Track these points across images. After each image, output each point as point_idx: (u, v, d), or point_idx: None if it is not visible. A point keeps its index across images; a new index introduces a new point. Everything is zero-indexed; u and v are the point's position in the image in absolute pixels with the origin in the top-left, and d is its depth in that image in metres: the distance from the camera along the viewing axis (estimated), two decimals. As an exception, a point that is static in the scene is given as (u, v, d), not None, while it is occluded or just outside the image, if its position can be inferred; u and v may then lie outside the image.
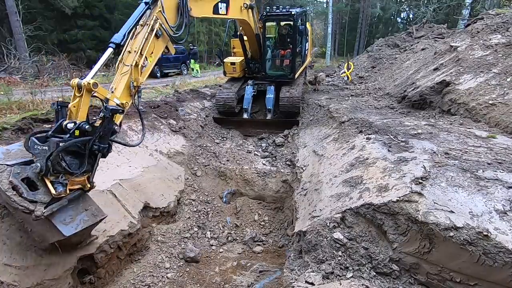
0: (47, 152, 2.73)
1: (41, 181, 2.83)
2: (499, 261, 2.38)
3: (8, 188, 2.64)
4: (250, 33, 7.56)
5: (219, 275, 4.74)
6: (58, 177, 2.90)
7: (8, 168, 2.72)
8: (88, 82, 2.93)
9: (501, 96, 5.29)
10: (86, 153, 3.04)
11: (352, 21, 40.43)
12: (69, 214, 3.06)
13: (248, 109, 8.30)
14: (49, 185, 2.83)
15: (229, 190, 6.63)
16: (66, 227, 2.99)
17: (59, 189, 2.89)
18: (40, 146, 2.79)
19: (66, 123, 2.91)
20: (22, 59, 14.21)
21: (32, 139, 2.83)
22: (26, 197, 2.70)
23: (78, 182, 3.12)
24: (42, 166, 2.74)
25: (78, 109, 2.97)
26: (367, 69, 12.96)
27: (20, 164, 2.81)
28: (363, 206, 3.32)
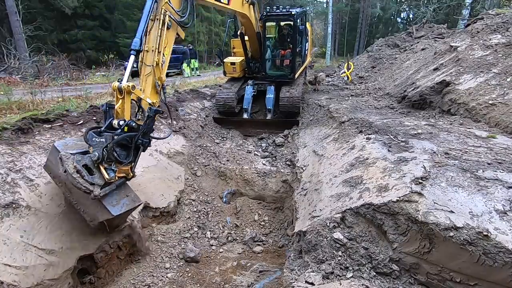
0: (104, 143, 3.32)
1: (96, 168, 3.39)
2: (499, 261, 2.38)
3: (74, 172, 3.18)
4: (251, 31, 7.56)
5: (219, 275, 4.74)
6: (110, 165, 3.47)
7: (72, 156, 3.25)
8: (127, 85, 3.40)
9: (501, 96, 5.29)
10: (132, 146, 3.63)
11: (352, 21, 40.42)
12: (114, 198, 3.64)
13: (248, 109, 8.30)
14: (103, 171, 3.40)
15: (229, 190, 6.63)
16: (113, 208, 3.57)
17: (111, 174, 3.46)
18: (97, 139, 3.36)
19: (117, 121, 3.47)
20: (22, 59, 14.22)
21: (90, 133, 3.42)
22: (87, 179, 3.25)
23: (124, 170, 3.68)
24: (99, 155, 3.31)
25: (123, 110, 3.48)
26: (367, 69, 12.96)
27: (79, 153, 3.37)
28: (363, 206, 3.32)
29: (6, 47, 14.26)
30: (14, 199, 3.74)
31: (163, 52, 3.88)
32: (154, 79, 3.80)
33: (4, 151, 4.20)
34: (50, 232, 3.80)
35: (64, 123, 5.33)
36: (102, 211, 3.58)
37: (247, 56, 8.43)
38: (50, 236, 3.76)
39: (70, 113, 5.71)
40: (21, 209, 3.73)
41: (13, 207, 3.67)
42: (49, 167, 3.77)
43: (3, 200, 3.64)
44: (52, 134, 4.98)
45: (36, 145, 4.58)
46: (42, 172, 4.28)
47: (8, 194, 3.74)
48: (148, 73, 3.77)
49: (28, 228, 3.64)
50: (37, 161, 4.36)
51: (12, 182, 3.89)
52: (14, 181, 3.92)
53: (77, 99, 7.53)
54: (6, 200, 3.66)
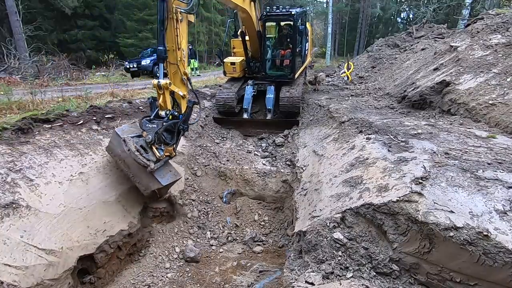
0: (155, 128, 4.23)
1: (149, 148, 4.33)
2: (499, 261, 2.38)
3: (135, 151, 4.14)
4: (252, 30, 7.55)
5: (219, 275, 4.74)
6: (159, 146, 4.39)
7: (131, 139, 4.22)
8: (165, 82, 4.11)
9: (501, 96, 5.29)
10: (176, 131, 4.53)
11: (352, 21, 40.42)
12: (162, 172, 4.63)
13: (248, 109, 8.30)
14: (155, 150, 4.35)
15: (229, 190, 6.63)
16: (162, 179, 4.58)
17: (160, 153, 4.40)
18: (150, 125, 4.27)
19: (162, 112, 4.30)
20: (22, 59, 14.21)
21: (143, 120, 4.33)
22: (145, 156, 4.20)
23: (168, 150, 4.56)
24: (152, 138, 4.22)
25: (165, 102, 4.22)
26: (367, 69, 12.96)
27: (136, 137, 4.34)
28: (363, 206, 3.32)
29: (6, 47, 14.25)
30: (14, 199, 3.74)
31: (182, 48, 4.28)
32: (180, 74, 4.36)
33: (4, 151, 4.20)
34: (50, 232, 3.81)
35: (64, 123, 5.33)
36: (154, 182, 4.57)
37: (247, 56, 8.43)
38: (50, 236, 3.77)
39: (70, 113, 5.71)
40: (21, 209, 3.73)
41: (13, 207, 3.67)
42: (110, 148, 4.78)
43: (3, 200, 3.64)
44: (52, 134, 4.98)
45: (36, 145, 4.58)
46: (42, 172, 4.28)
47: (8, 194, 3.74)
48: (174, 71, 4.30)
49: (28, 228, 3.64)
50: (37, 161, 4.36)
51: (12, 182, 3.89)
52: (14, 181, 3.92)
53: (77, 99, 7.53)
54: (6, 200, 3.66)
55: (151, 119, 4.28)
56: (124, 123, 6.22)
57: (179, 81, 4.33)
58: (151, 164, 4.22)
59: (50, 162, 4.49)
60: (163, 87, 4.12)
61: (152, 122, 4.25)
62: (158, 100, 4.24)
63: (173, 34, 4.11)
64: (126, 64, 17.88)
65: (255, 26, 7.42)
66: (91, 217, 4.34)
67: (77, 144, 5.07)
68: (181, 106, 4.47)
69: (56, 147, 4.78)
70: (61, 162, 4.63)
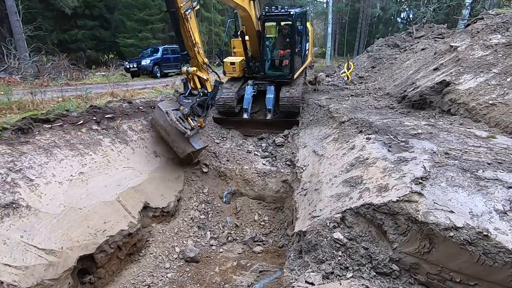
0: (191, 103, 5.35)
1: (186, 119, 5.56)
2: (499, 261, 2.38)
3: (176, 120, 5.40)
4: (251, 29, 7.55)
5: (219, 275, 4.74)
6: (193, 117, 5.59)
7: (172, 111, 5.47)
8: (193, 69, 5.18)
9: (501, 96, 5.29)
10: (205, 106, 5.67)
11: (352, 21, 40.40)
12: (195, 139, 5.88)
13: (248, 109, 8.29)
14: (190, 121, 5.56)
15: (229, 190, 6.63)
16: (196, 144, 5.87)
17: (194, 122, 5.64)
18: (186, 100, 5.40)
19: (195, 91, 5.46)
20: (22, 59, 14.20)
21: (181, 97, 5.53)
22: (183, 125, 5.48)
23: (200, 121, 5.79)
24: (188, 110, 5.37)
25: (195, 83, 5.34)
26: (367, 69, 12.95)
27: (175, 110, 5.56)
28: (363, 206, 3.31)
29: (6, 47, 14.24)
30: (14, 199, 3.74)
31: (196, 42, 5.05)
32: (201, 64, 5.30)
33: (4, 151, 4.19)
34: (50, 232, 3.81)
35: (64, 123, 5.33)
36: (189, 146, 5.79)
37: (247, 55, 8.43)
38: (50, 236, 3.77)
39: (70, 113, 5.71)
40: (21, 209, 3.73)
41: (13, 207, 3.67)
42: (155, 119, 6.05)
43: (3, 200, 3.64)
44: (52, 134, 4.98)
45: (36, 145, 4.58)
46: (42, 172, 4.29)
47: (8, 194, 3.74)
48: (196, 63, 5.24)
49: (28, 228, 3.64)
50: (37, 161, 4.37)
51: (12, 182, 3.90)
52: (14, 181, 3.92)
53: (77, 99, 7.53)
54: (6, 200, 3.67)
55: (186, 96, 5.36)
56: (124, 123, 6.22)
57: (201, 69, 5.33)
58: (187, 131, 5.40)
59: (50, 162, 4.49)
60: (191, 73, 5.17)
61: (187, 98, 5.31)
62: (189, 83, 5.32)
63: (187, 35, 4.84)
64: (126, 64, 17.89)
65: (255, 26, 7.43)
66: (91, 217, 4.34)
67: (77, 144, 5.07)
68: (206, 87, 5.50)
69: (56, 147, 4.78)
70: (61, 162, 4.63)
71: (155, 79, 16.27)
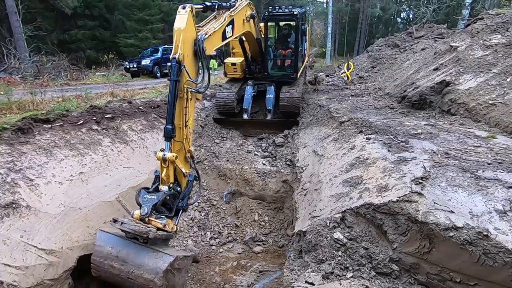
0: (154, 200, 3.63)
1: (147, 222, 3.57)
2: (499, 261, 2.38)
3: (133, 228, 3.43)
4: (251, 39, 7.52)
5: (219, 275, 4.74)
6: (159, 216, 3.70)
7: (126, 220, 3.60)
8: (172, 156, 3.79)
9: (501, 96, 5.29)
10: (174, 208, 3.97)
11: (352, 21, 40.41)
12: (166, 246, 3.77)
13: (248, 110, 8.28)
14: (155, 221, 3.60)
15: (229, 190, 6.63)
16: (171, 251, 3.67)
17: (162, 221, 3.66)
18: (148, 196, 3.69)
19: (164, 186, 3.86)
20: (22, 59, 14.18)
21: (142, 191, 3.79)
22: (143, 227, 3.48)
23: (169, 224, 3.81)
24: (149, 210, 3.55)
25: (168, 176, 3.87)
26: (367, 69, 12.96)
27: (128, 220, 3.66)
28: (363, 206, 3.32)
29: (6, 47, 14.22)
30: (14, 199, 3.74)
31: (189, 126, 4.14)
32: (185, 152, 4.13)
33: (4, 151, 4.19)
34: (50, 232, 3.81)
35: (64, 123, 5.33)
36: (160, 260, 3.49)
37: (247, 58, 8.39)
38: (50, 236, 3.77)
39: (70, 113, 5.71)
40: (21, 209, 3.73)
41: (13, 207, 3.67)
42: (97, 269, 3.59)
43: (3, 200, 3.64)
44: (52, 134, 4.98)
45: (36, 145, 4.58)
46: (42, 172, 4.29)
47: (8, 194, 3.74)
48: (179, 148, 4.04)
49: (28, 228, 3.64)
50: (37, 161, 4.36)
51: (12, 182, 3.89)
52: (14, 181, 3.92)
53: (77, 99, 7.52)
54: (6, 200, 3.67)
55: (149, 191, 3.85)
56: (124, 123, 6.22)
57: (183, 158, 4.13)
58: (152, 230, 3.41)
59: (50, 162, 4.49)
60: (169, 160, 3.84)
61: (150, 194, 3.77)
62: (161, 174, 3.92)
63: (181, 112, 4.00)
64: (126, 64, 17.88)
65: (255, 36, 7.36)
66: (91, 217, 4.34)
67: (77, 144, 5.07)
68: (181, 183, 4.15)
69: (56, 147, 4.78)
70: (61, 162, 4.63)
71: (155, 79, 16.26)
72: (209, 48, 4.22)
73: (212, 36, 4.44)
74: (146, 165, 5.79)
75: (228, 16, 5.05)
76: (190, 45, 3.92)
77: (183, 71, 3.79)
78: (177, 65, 3.72)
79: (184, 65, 3.76)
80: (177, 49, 3.71)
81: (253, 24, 6.90)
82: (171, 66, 3.73)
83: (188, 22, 3.73)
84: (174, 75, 3.73)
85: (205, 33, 4.15)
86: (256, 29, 7.30)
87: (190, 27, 3.84)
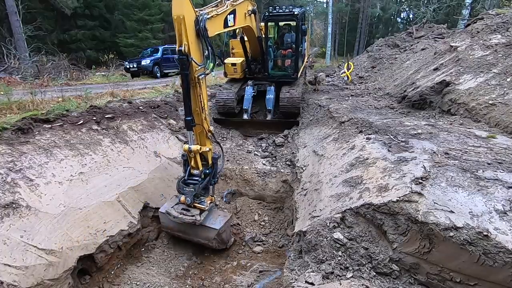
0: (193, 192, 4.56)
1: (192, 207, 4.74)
2: (499, 261, 2.38)
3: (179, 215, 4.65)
4: (252, 36, 7.52)
5: (219, 275, 4.74)
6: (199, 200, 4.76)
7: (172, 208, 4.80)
8: (196, 148, 4.42)
9: (501, 96, 5.29)
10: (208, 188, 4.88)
11: (352, 21, 40.43)
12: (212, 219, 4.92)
13: (248, 110, 8.27)
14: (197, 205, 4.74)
15: (229, 190, 6.63)
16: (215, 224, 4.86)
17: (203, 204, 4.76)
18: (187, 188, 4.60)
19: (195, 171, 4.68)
20: (22, 59, 14.18)
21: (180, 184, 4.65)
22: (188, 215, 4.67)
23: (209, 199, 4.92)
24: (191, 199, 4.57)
25: (197, 164, 4.58)
26: (367, 69, 12.96)
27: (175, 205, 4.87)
28: (363, 206, 3.32)
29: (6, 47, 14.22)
30: (14, 199, 3.74)
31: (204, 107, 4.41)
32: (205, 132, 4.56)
33: (4, 151, 4.20)
34: (50, 232, 3.81)
35: (64, 123, 5.33)
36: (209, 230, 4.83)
37: (247, 57, 8.39)
38: (50, 236, 3.77)
39: (70, 113, 5.71)
40: (21, 209, 3.73)
41: (13, 207, 3.67)
42: (164, 226, 5.20)
43: (3, 200, 3.64)
44: (52, 134, 4.98)
45: (36, 145, 4.58)
46: (42, 172, 4.29)
47: (8, 194, 3.75)
48: (200, 131, 4.51)
49: (28, 228, 3.64)
50: (37, 161, 4.37)
51: (12, 182, 3.90)
52: (14, 181, 3.92)
53: (77, 99, 7.52)
54: (6, 200, 3.67)
55: (185, 180, 4.66)
56: (124, 123, 6.23)
57: (204, 138, 4.60)
58: (196, 217, 4.60)
59: (50, 162, 4.49)
60: (194, 152, 4.43)
61: (187, 185, 4.63)
62: (190, 163, 4.62)
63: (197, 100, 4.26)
64: (126, 64, 17.88)
65: (256, 34, 7.35)
66: (91, 217, 4.34)
67: (77, 144, 5.07)
68: (208, 159, 4.70)
69: (56, 147, 4.78)
70: (61, 162, 4.63)
71: (155, 79, 16.26)
72: (211, 30, 4.27)
73: (215, 19, 4.53)
74: (146, 165, 5.80)
75: (230, 5, 5.14)
76: (193, 29, 3.91)
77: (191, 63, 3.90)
78: (184, 58, 3.82)
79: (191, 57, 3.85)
80: (181, 39, 3.78)
81: (254, 20, 6.91)
82: (179, 60, 3.87)
83: (185, 5, 3.71)
84: (183, 69, 3.89)
85: (206, 13, 4.18)
86: (257, 26, 7.30)
87: (189, 10, 3.80)
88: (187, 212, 4.66)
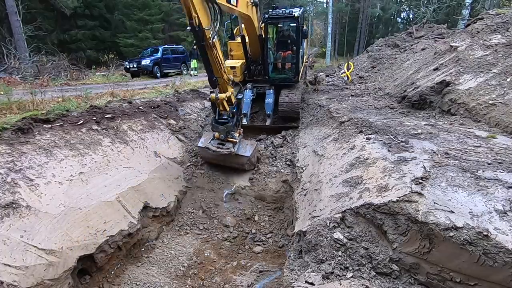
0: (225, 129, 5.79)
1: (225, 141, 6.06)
2: (499, 261, 2.38)
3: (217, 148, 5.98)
4: (253, 34, 7.45)
5: (219, 275, 4.74)
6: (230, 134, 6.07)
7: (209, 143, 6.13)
8: (222, 97, 5.34)
9: (501, 96, 5.29)
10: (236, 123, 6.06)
11: (352, 21, 40.43)
12: (242, 148, 6.33)
13: (247, 114, 8.12)
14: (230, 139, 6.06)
15: (229, 190, 6.63)
16: (246, 152, 6.31)
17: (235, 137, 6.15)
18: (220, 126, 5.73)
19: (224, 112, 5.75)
20: (22, 59, 14.17)
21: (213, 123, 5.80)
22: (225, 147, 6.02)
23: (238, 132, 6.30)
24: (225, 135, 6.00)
25: (224, 108, 5.66)
26: (367, 69, 12.96)
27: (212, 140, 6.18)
28: (363, 206, 3.31)
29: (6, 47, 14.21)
30: (14, 199, 3.74)
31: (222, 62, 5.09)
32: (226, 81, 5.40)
33: (4, 151, 4.20)
34: (50, 232, 3.81)
35: (64, 123, 5.33)
36: (242, 157, 6.28)
37: (248, 59, 8.31)
38: (50, 236, 3.77)
39: (70, 113, 5.71)
40: (21, 209, 3.73)
41: (13, 207, 3.67)
42: (204, 157, 6.71)
43: (3, 200, 3.64)
44: (52, 134, 4.98)
45: (36, 145, 4.58)
46: (42, 172, 4.29)
47: (8, 194, 3.74)
48: (222, 82, 5.31)
49: (28, 228, 3.64)
50: (37, 161, 4.37)
51: (12, 182, 3.90)
52: (14, 181, 3.92)
53: (77, 99, 7.52)
54: (6, 200, 3.67)
55: (217, 120, 5.70)
56: (124, 123, 6.23)
57: (226, 85, 5.46)
58: (231, 149, 5.91)
59: (50, 162, 4.49)
60: (221, 99, 5.35)
61: (219, 123, 5.67)
62: (219, 107, 5.60)
63: (215, 61, 4.82)
64: (126, 64, 17.87)
65: (257, 31, 7.29)
66: (91, 217, 4.34)
67: (77, 144, 5.07)
68: (232, 102, 5.80)
69: (56, 147, 4.78)
70: (61, 162, 4.63)
71: (155, 79, 16.26)
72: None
73: None
74: (146, 165, 5.80)
75: None
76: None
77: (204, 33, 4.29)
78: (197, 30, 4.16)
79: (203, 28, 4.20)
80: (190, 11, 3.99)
81: (255, 13, 6.89)
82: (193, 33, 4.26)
83: None
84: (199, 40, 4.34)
85: None
86: (258, 21, 7.24)
87: None
88: (223, 146, 5.90)
